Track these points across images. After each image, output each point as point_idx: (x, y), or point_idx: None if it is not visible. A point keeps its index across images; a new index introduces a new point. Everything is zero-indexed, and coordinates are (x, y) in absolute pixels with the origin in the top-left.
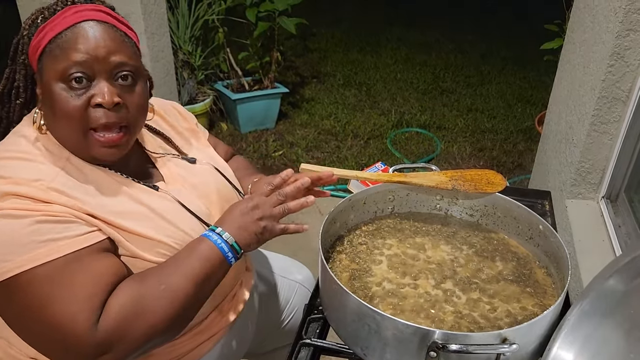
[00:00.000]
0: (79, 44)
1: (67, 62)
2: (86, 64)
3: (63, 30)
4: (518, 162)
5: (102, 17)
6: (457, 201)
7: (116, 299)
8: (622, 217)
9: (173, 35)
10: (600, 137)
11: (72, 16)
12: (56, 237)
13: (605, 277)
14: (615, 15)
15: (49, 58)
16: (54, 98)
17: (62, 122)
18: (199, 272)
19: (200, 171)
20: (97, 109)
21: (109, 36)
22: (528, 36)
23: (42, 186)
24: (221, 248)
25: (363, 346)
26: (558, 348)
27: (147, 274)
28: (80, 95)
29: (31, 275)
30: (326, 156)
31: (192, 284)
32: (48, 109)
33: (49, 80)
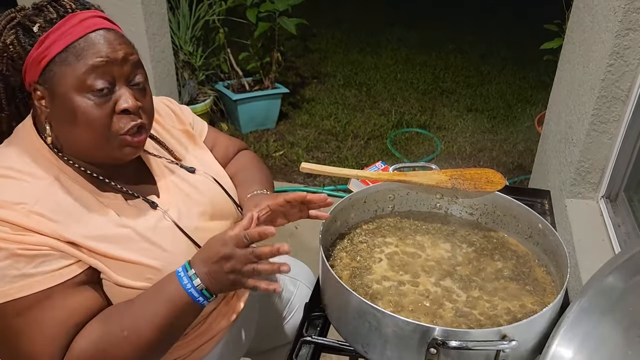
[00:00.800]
0: (96, 50)
1: (86, 68)
2: (105, 69)
3: (75, 41)
4: (518, 162)
5: (108, 25)
6: (457, 200)
7: (79, 343)
8: (622, 217)
9: (174, 36)
10: (599, 137)
11: (79, 25)
12: (31, 273)
13: (604, 275)
14: (615, 15)
15: (62, 67)
16: (74, 108)
17: (84, 130)
18: (165, 317)
19: (197, 182)
20: (123, 114)
21: (121, 40)
22: (528, 36)
23: (23, 210)
24: (190, 293)
25: (364, 343)
26: (557, 345)
27: (112, 316)
28: (103, 103)
29: (1, 310)
30: (326, 156)
31: (157, 330)
32: (63, 119)
33: (64, 89)
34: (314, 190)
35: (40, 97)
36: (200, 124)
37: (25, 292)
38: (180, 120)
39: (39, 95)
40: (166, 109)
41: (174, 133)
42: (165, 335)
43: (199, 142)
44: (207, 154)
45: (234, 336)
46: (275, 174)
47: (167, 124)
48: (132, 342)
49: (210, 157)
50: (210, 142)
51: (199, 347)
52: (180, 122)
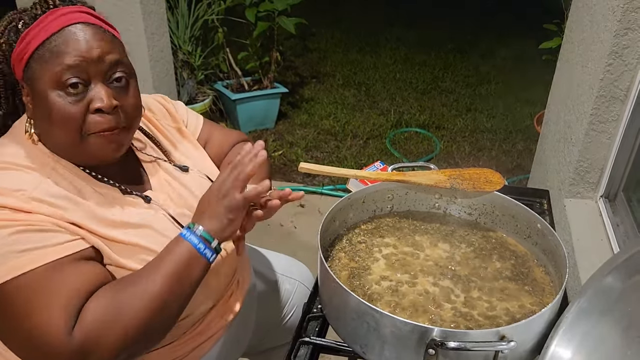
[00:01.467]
0: (71, 48)
1: (61, 67)
2: (81, 68)
3: (51, 35)
4: (517, 162)
5: (88, 19)
6: (456, 200)
7: (90, 306)
8: (621, 216)
9: (173, 35)
10: (598, 136)
11: (58, 20)
12: (36, 246)
13: (602, 275)
14: (614, 14)
15: (40, 64)
16: (50, 105)
17: (59, 129)
18: (173, 271)
19: (190, 181)
20: (97, 114)
21: (99, 37)
22: (527, 36)
23: (23, 196)
24: (190, 241)
25: (362, 344)
26: (556, 345)
27: (122, 279)
28: (77, 101)
29: (11, 285)
30: (325, 156)
31: (165, 283)
32: (42, 116)
33: (42, 86)
34: (313, 189)
35: (27, 94)
36: (194, 119)
37: (33, 265)
38: (174, 118)
39: (26, 92)
40: (159, 107)
41: (167, 131)
42: (175, 290)
43: (192, 140)
44: (201, 150)
45: (233, 335)
46: (274, 174)
47: (161, 121)
48: (142, 297)
49: (204, 154)
50: (205, 137)
51: (198, 346)
52: (173, 120)
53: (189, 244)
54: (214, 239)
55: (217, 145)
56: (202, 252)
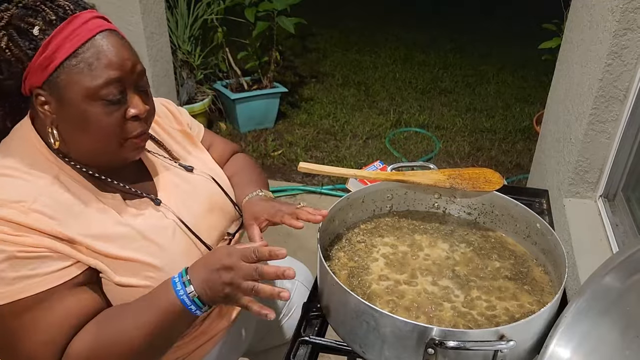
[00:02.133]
0: (106, 60)
1: (101, 81)
2: (120, 81)
3: (82, 45)
4: (516, 162)
5: (108, 25)
6: (455, 199)
7: (76, 345)
8: (620, 216)
9: (172, 35)
10: (597, 136)
11: (82, 28)
12: (29, 275)
13: (601, 275)
14: (613, 15)
15: (71, 75)
16: (86, 116)
17: (96, 137)
18: (157, 323)
19: (196, 181)
20: (133, 120)
21: (126, 46)
22: (526, 36)
23: (23, 208)
24: (182, 300)
25: (361, 343)
26: (555, 345)
27: (107, 319)
28: (115, 110)
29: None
30: (325, 155)
31: (148, 335)
32: (72, 125)
33: (73, 96)
34: (312, 189)
35: (44, 102)
36: (197, 126)
37: (24, 294)
38: (178, 121)
39: (42, 101)
40: (164, 110)
41: (172, 133)
42: (157, 341)
43: (196, 142)
44: (205, 153)
45: (233, 336)
46: (274, 174)
47: (165, 124)
48: (124, 347)
49: (208, 157)
50: (207, 144)
51: (199, 347)
52: (178, 122)
53: (179, 302)
54: (204, 306)
55: (219, 151)
56: (193, 311)
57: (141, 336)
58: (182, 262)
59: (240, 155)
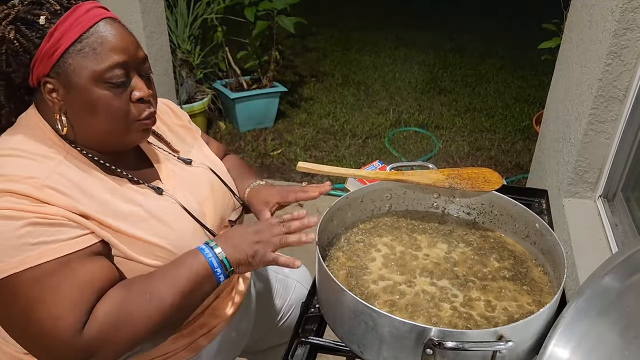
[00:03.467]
0: (111, 45)
1: (106, 64)
2: (125, 64)
3: (86, 31)
4: (516, 162)
5: (109, 14)
6: (454, 199)
7: (102, 306)
8: (619, 216)
9: (172, 34)
10: (597, 136)
11: (85, 16)
12: (48, 240)
13: (600, 276)
14: (612, 14)
15: (77, 59)
16: (94, 99)
17: (105, 120)
18: (186, 284)
19: (195, 172)
20: (139, 103)
21: (127, 33)
22: (526, 36)
23: (36, 184)
24: (210, 262)
25: (360, 344)
26: (554, 345)
27: (134, 282)
28: (121, 93)
29: (21, 278)
30: (324, 155)
31: (178, 295)
32: (81, 109)
33: (81, 81)
34: None
35: (52, 89)
36: (195, 126)
37: (44, 259)
38: (178, 117)
39: (50, 88)
40: (164, 107)
41: (173, 127)
42: (184, 301)
43: (197, 136)
44: (205, 147)
45: (232, 331)
46: (273, 173)
47: (166, 119)
48: (154, 305)
49: (208, 150)
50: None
51: (196, 339)
52: (177, 118)
53: (206, 263)
54: (231, 268)
55: (215, 151)
56: (217, 275)
57: (172, 294)
58: (190, 245)
59: (232, 155)
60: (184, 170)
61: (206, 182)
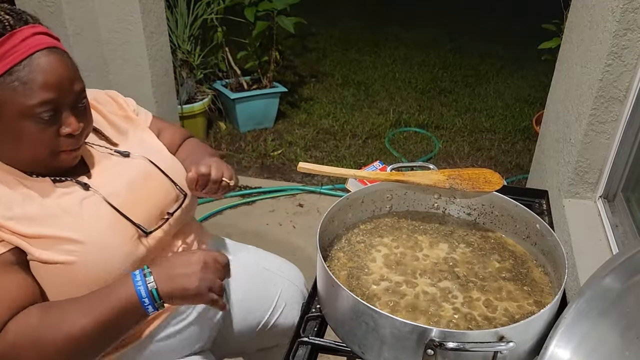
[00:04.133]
0: (42, 80)
1: (35, 100)
2: (55, 101)
3: (18, 63)
4: (516, 162)
5: (49, 42)
6: (455, 200)
7: (14, 325)
8: (620, 217)
9: (172, 35)
10: (597, 137)
11: (21, 46)
12: None
13: (601, 276)
14: (613, 15)
15: (6, 92)
16: (19, 131)
17: (28, 151)
18: (105, 311)
19: (131, 164)
20: (67, 137)
21: (65, 65)
22: (526, 36)
23: None
24: (138, 291)
25: (361, 344)
26: (555, 346)
27: (54, 305)
28: (48, 127)
29: None
30: (324, 155)
31: (92, 323)
32: (7, 138)
33: (7, 112)
34: (312, 189)
35: None
36: (144, 114)
37: None
38: (121, 107)
39: None
40: (106, 98)
41: (112, 119)
42: (104, 329)
43: (141, 126)
44: (150, 136)
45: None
46: (273, 173)
47: (105, 109)
48: (64, 332)
49: (153, 139)
50: (155, 131)
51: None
52: (120, 108)
53: (134, 291)
54: (161, 301)
55: (167, 140)
56: (145, 305)
57: (85, 322)
58: (107, 236)
59: (192, 140)
60: (117, 164)
61: (140, 174)
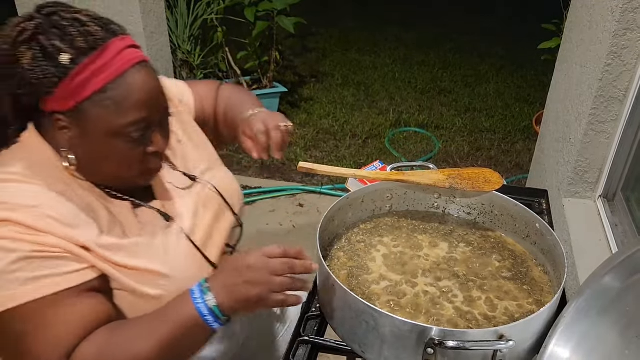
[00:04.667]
0: (135, 100)
1: (128, 119)
2: (146, 119)
3: (112, 81)
4: (516, 162)
5: (139, 56)
6: (455, 199)
7: (84, 347)
8: (619, 216)
9: (172, 35)
10: (597, 136)
11: (114, 62)
12: (42, 275)
13: (601, 275)
14: (612, 15)
15: (98, 109)
16: (108, 149)
17: (115, 168)
18: (168, 332)
19: (200, 194)
20: (153, 156)
21: (154, 80)
22: (526, 36)
23: (36, 213)
24: (199, 310)
25: (361, 343)
26: (554, 345)
27: (119, 326)
28: (136, 146)
29: (8, 314)
30: (324, 155)
31: (157, 345)
32: (95, 155)
33: (97, 129)
34: (312, 189)
35: (64, 127)
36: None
37: (35, 296)
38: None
39: (63, 126)
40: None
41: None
42: (169, 350)
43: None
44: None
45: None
46: (273, 173)
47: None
48: (132, 353)
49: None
50: (199, 100)
51: None
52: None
53: (194, 311)
54: (224, 316)
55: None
56: (209, 323)
57: (150, 348)
58: (188, 270)
59: (226, 87)
60: (185, 190)
61: (210, 204)
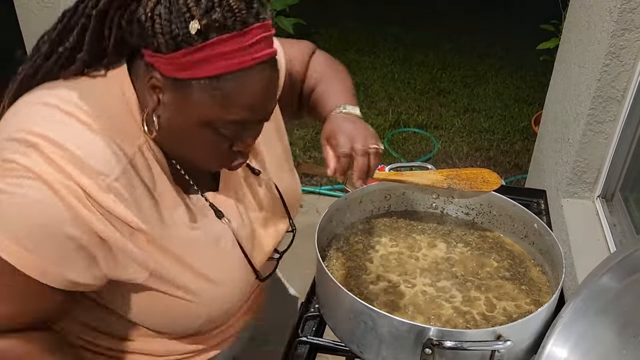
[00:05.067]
0: (249, 101)
1: (230, 117)
2: (246, 120)
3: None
4: (515, 162)
5: (270, 52)
6: (453, 200)
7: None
8: (618, 216)
9: None
10: (595, 137)
11: (244, 52)
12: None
13: (598, 275)
14: (610, 15)
15: (202, 93)
16: (195, 138)
17: (195, 154)
18: None
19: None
20: (239, 153)
21: (274, 82)
22: (525, 36)
23: (103, 182)
24: None
25: (359, 343)
26: (552, 345)
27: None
28: (225, 141)
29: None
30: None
31: None
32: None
33: (194, 115)
34: (311, 189)
35: (157, 87)
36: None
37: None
38: None
39: (157, 86)
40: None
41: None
42: None
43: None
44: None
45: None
46: None
47: None
48: None
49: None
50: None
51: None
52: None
53: None
54: None
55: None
56: None
57: None
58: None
59: (319, 56)
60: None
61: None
